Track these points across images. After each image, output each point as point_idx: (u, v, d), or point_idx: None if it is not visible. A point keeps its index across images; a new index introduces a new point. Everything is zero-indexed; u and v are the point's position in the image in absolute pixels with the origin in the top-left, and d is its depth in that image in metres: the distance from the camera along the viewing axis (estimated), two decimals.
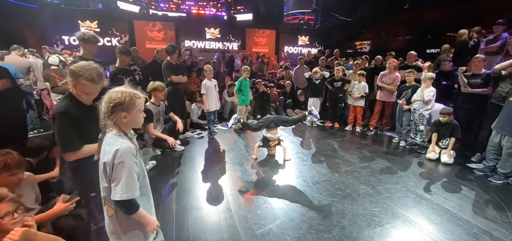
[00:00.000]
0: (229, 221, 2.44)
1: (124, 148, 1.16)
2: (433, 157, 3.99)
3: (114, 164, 1.15)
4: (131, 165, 1.17)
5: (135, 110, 1.24)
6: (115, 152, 1.15)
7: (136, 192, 1.20)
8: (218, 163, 3.78)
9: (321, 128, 5.82)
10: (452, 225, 2.43)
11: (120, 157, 1.14)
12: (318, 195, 2.92)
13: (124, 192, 1.15)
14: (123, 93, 1.19)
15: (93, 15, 9.16)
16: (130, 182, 1.16)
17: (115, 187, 1.15)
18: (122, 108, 1.18)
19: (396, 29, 10.51)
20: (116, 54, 3.57)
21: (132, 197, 1.18)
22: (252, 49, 10.95)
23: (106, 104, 1.18)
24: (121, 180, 1.15)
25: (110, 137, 1.22)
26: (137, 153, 1.24)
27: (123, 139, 1.21)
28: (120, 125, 1.22)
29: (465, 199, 2.92)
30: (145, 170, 1.36)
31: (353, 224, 2.41)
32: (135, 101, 1.22)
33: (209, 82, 4.70)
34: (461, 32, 5.30)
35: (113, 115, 1.18)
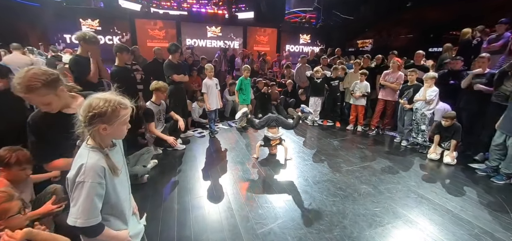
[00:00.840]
0: (230, 220, 2.45)
1: (89, 165, 1.00)
2: (434, 158, 3.98)
3: (75, 181, 0.99)
4: (93, 187, 0.99)
5: (118, 122, 1.06)
6: (78, 168, 1.00)
7: (94, 219, 1.02)
8: (219, 162, 3.79)
9: (322, 127, 5.81)
10: (454, 225, 2.43)
11: (82, 174, 0.99)
12: (319, 194, 2.92)
13: (79, 218, 0.98)
14: (106, 102, 1.02)
15: (95, 13, 9.17)
16: (86, 207, 0.99)
17: (72, 209, 1.00)
18: (102, 120, 1.01)
19: (398, 28, 10.45)
20: (115, 53, 3.56)
21: (87, 225, 1.00)
22: (254, 47, 10.93)
23: (84, 112, 1.01)
24: (77, 203, 0.99)
25: (83, 148, 1.07)
26: (106, 173, 1.05)
27: (94, 154, 1.04)
28: (97, 137, 1.05)
29: (467, 199, 2.91)
30: (121, 188, 1.18)
31: (354, 224, 2.41)
32: (119, 112, 1.05)
33: (210, 81, 4.70)
34: (464, 31, 5.26)
35: (90, 127, 1.01)
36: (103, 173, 1.04)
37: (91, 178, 0.99)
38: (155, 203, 2.70)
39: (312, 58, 7.84)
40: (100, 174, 1.02)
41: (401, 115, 4.76)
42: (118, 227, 1.19)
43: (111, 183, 1.10)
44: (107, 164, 1.06)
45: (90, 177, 0.99)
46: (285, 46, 11.84)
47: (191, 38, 10.30)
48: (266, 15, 12.02)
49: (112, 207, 1.14)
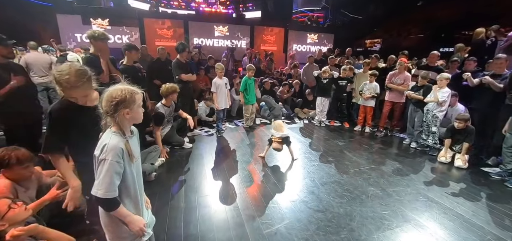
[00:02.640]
0: (237, 219, 2.45)
1: (111, 145, 1.16)
2: (444, 161, 3.89)
3: (99, 158, 1.16)
4: (112, 164, 1.15)
5: (136, 106, 1.25)
6: (102, 147, 1.16)
7: (112, 192, 1.16)
8: (226, 161, 3.80)
9: (329, 128, 5.76)
10: (465, 231, 2.36)
11: (105, 152, 1.15)
12: (326, 196, 2.89)
13: (99, 189, 1.14)
14: (123, 90, 1.20)
15: (105, 13, 9.32)
16: (107, 181, 1.14)
17: (95, 182, 1.17)
18: (124, 105, 1.19)
19: (408, 27, 10.24)
20: (123, 51, 3.61)
21: (106, 197, 1.15)
22: (261, 47, 10.90)
23: (108, 102, 1.18)
24: (100, 176, 1.15)
25: (107, 132, 1.22)
26: (124, 155, 1.20)
27: (115, 137, 1.20)
28: (122, 122, 1.22)
29: (479, 204, 2.83)
30: (136, 175, 1.32)
31: (362, 227, 2.38)
32: (134, 97, 1.24)
33: (219, 80, 4.69)
34: (478, 31, 5.10)
35: (116, 113, 1.19)
36: (122, 154, 1.19)
37: (111, 156, 1.15)
38: (162, 200, 2.72)
39: (319, 57, 7.77)
40: (119, 154, 1.17)
41: (411, 117, 4.67)
42: (135, 204, 1.33)
43: (128, 166, 1.25)
44: (126, 148, 1.22)
45: (110, 155, 1.15)
46: (292, 45, 11.77)
47: (199, 37, 10.35)
48: (273, 15, 11.97)
49: (127, 189, 1.27)
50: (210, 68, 6.94)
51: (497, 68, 3.77)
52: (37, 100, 3.68)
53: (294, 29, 11.91)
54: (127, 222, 1.27)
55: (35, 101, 3.46)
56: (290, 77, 7.76)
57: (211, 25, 10.55)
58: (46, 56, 5.26)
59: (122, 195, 1.26)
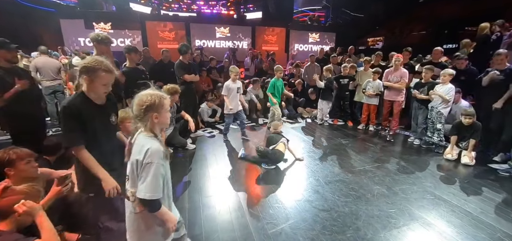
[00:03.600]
0: (241, 220, 2.43)
1: (154, 149, 1.22)
2: (450, 158, 3.83)
3: (143, 163, 1.21)
4: (158, 167, 1.22)
5: (163, 110, 1.31)
6: (146, 151, 1.21)
7: (159, 193, 1.24)
8: (229, 162, 3.78)
9: (332, 127, 5.72)
10: (474, 228, 2.32)
11: (150, 156, 1.21)
12: (331, 195, 2.86)
13: (148, 192, 1.20)
14: (152, 95, 1.27)
15: (107, 16, 9.39)
16: (154, 183, 1.21)
17: (140, 185, 1.22)
18: (153, 109, 1.26)
19: (411, 25, 10.15)
20: (125, 54, 3.62)
21: (154, 198, 1.23)
22: (262, 47, 10.89)
23: (138, 107, 1.25)
24: (146, 179, 1.20)
25: (142, 137, 1.28)
26: (164, 156, 1.29)
27: (154, 141, 1.27)
28: (151, 126, 1.29)
29: (488, 201, 2.77)
30: (169, 174, 1.41)
31: (368, 226, 2.34)
32: (163, 102, 1.30)
33: (232, 84, 4.42)
34: (482, 26, 5.03)
35: (145, 117, 1.26)
36: (163, 156, 1.27)
37: (157, 159, 1.22)
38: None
39: (321, 57, 7.74)
40: (161, 157, 1.25)
41: (415, 114, 4.62)
42: (169, 203, 1.42)
43: (165, 166, 1.33)
44: (163, 149, 1.29)
45: (156, 158, 1.22)
46: (294, 45, 11.74)
47: (200, 39, 10.38)
48: (275, 15, 11.96)
49: (167, 188, 1.37)
50: (212, 69, 6.94)
51: (498, 64, 3.73)
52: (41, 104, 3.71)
53: (296, 29, 11.88)
54: (165, 220, 1.34)
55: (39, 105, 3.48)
56: (292, 77, 7.74)
57: (212, 26, 10.58)
58: (56, 60, 5.40)
59: (163, 194, 1.32)
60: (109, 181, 1.60)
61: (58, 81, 5.11)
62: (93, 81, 1.53)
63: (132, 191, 1.29)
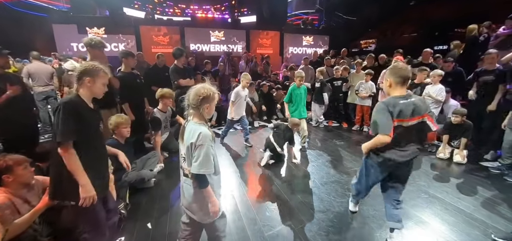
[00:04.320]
0: (238, 223, 2.43)
1: (204, 133, 1.43)
2: (443, 157, 3.90)
3: (196, 145, 1.41)
4: (208, 148, 1.42)
5: (214, 103, 1.54)
6: (198, 135, 1.41)
7: (210, 169, 1.44)
8: (225, 165, 3.77)
9: (327, 128, 5.77)
10: (467, 226, 2.36)
11: (201, 139, 1.41)
12: (327, 196, 2.88)
13: (201, 168, 1.41)
14: (208, 89, 1.49)
15: (101, 21, 9.33)
16: (206, 161, 1.41)
17: (194, 163, 1.42)
18: (207, 101, 1.48)
19: (402, 27, 10.36)
20: (120, 58, 3.61)
21: (206, 173, 1.44)
22: (257, 50, 10.95)
23: (195, 96, 1.47)
24: (199, 158, 1.41)
25: (193, 124, 1.50)
26: (213, 139, 1.49)
27: (204, 127, 1.48)
28: (203, 114, 1.51)
29: (480, 199, 2.83)
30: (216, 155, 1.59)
31: (364, 225, 2.37)
32: (214, 97, 1.52)
33: (242, 91, 4.28)
34: (470, 28, 5.17)
35: (201, 106, 1.48)
36: (213, 139, 1.48)
37: (208, 142, 1.43)
38: (162, 206, 2.69)
39: (315, 59, 7.82)
40: (210, 139, 1.45)
41: None
42: (217, 186, 1.62)
43: (214, 148, 1.51)
44: (211, 133, 1.49)
45: (206, 141, 1.42)
46: (288, 48, 11.84)
47: (195, 43, 10.39)
48: (269, 19, 12.06)
49: (216, 166, 1.55)
50: (207, 73, 6.94)
51: (488, 63, 3.83)
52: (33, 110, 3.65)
53: (290, 32, 12.00)
54: (211, 201, 1.52)
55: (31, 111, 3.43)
56: (287, 80, 7.79)
57: (207, 30, 10.60)
58: (48, 66, 5.32)
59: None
60: (88, 189, 1.53)
61: (50, 86, 5.04)
62: (96, 81, 1.63)
63: (188, 169, 1.49)
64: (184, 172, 1.59)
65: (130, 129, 2.86)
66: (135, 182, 2.86)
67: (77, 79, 1.61)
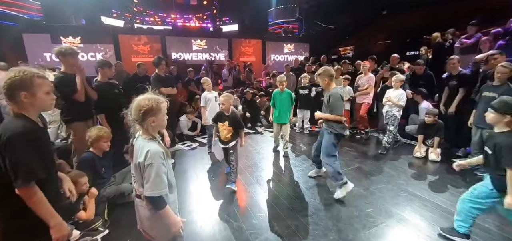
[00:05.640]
0: (224, 233, 2.38)
1: (153, 151, 1.30)
2: (419, 155, 4.10)
3: (145, 164, 1.29)
4: (159, 167, 1.30)
5: (161, 114, 1.38)
6: (146, 153, 1.29)
7: (163, 190, 1.32)
8: (210, 175, 3.71)
9: (311, 133, 5.87)
10: (444, 220, 2.48)
11: (150, 158, 1.28)
12: (313, 200, 2.91)
13: (153, 190, 1.29)
14: (150, 100, 1.34)
15: (76, 30, 8.95)
16: (157, 181, 1.29)
17: (146, 185, 1.30)
18: (151, 114, 1.33)
19: (377, 34, 10.92)
20: (97, 68, 3.48)
21: (158, 195, 1.31)
22: (239, 58, 11.01)
23: (136, 111, 1.32)
24: (150, 179, 1.28)
25: (141, 140, 1.36)
26: (164, 156, 1.36)
27: (152, 143, 1.34)
28: (149, 129, 1.35)
29: (455, 193, 2.99)
30: (172, 171, 1.49)
31: (349, 227, 2.41)
32: (160, 106, 1.37)
33: (209, 94, 4.40)
34: (434, 36, 5.66)
35: (144, 121, 1.32)
36: (163, 156, 1.35)
37: (157, 160, 1.30)
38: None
39: (296, 66, 8.01)
40: (161, 157, 1.33)
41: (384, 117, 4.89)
42: (174, 206, 1.49)
43: (167, 164, 1.40)
44: (163, 149, 1.36)
45: (156, 159, 1.29)
46: (270, 56, 12.03)
47: (177, 52, 10.24)
48: (250, 27, 12.23)
49: (170, 185, 1.42)
50: (191, 81, 6.87)
51: (451, 68, 4.13)
52: None
53: (271, 40, 12.20)
54: (171, 222, 1.40)
55: None
56: (270, 87, 7.88)
57: (189, 39, 10.51)
58: None
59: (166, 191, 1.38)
60: (61, 228, 1.33)
61: None
62: (35, 93, 1.29)
63: (140, 190, 1.37)
64: (136, 193, 1.44)
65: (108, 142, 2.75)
66: (114, 197, 2.72)
67: (8, 98, 1.25)
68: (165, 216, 1.38)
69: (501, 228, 2.36)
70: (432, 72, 4.80)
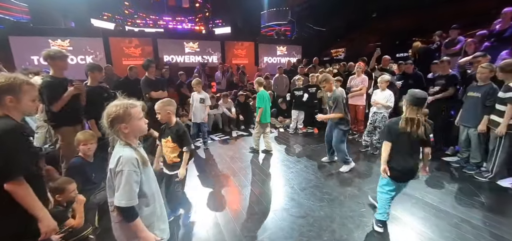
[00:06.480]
0: (218, 236, 2.36)
1: (126, 157, 1.23)
2: None
3: (116, 171, 1.22)
4: (129, 175, 1.22)
5: (133, 119, 1.30)
6: (117, 160, 1.23)
7: (132, 201, 1.22)
8: (203, 178, 3.68)
9: (304, 134, 5.90)
10: (435, 218, 2.53)
11: (121, 164, 1.21)
12: (307, 201, 2.92)
13: (122, 199, 1.20)
14: (117, 106, 1.27)
15: (65, 33, 8.76)
16: (127, 190, 1.20)
17: (116, 194, 1.22)
18: (119, 120, 1.26)
19: (368, 36, 11.14)
20: (87, 72, 3.41)
21: (127, 206, 1.21)
22: (232, 61, 11.00)
23: (105, 120, 1.26)
24: (120, 187, 1.21)
25: (117, 147, 1.30)
26: (139, 163, 1.28)
27: (127, 149, 1.27)
28: (123, 136, 1.29)
29: (444, 191, 3.07)
30: (151, 180, 1.40)
31: (343, 227, 2.43)
32: (130, 111, 1.28)
33: (196, 94, 4.72)
34: (414, 45, 5.97)
35: (113, 128, 1.26)
36: (137, 163, 1.27)
37: (128, 167, 1.22)
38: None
39: (289, 68, 8.07)
40: (134, 164, 1.25)
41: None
42: (152, 220, 1.38)
43: (144, 173, 1.32)
44: (138, 156, 1.29)
45: (127, 166, 1.22)
46: (263, 58, 12.07)
47: (169, 55, 10.15)
48: (243, 30, 12.26)
49: (145, 196, 1.33)
50: (183, 84, 6.81)
51: (441, 69, 4.24)
52: None
53: (264, 43, 12.26)
54: (141, 237, 1.28)
55: None
56: None
57: (181, 41, 10.44)
58: None
59: (140, 202, 1.29)
60: (49, 222, 1.39)
61: None
62: (21, 99, 1.38)
63: (111, 200, 1.28)
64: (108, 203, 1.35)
65: (93, 146, 2.67)
66: (105, 203, 2.65)
67: None
68: (135, 230, 1.27)
69: (488, 224, 2.42)
70: (421, 73, 4.92)
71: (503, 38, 4.24)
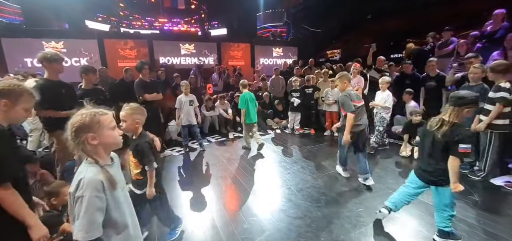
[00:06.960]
0: (216, 238, 2.35)
1: (87, 179, 1.03)
2: (405, 155, 4.23)
3: (75, 196, 1.03)
4: (92, 201, 1.02)
5: (103, 128, 1.11)
6: (77, 183, 1.04)
7: (93, 233, 1.02)
8: (200, 180, 3.66)
9: (301, 135, 5.93)
10: (430, 217, 2.54)
11: (81, 188, 1.02)
12: (304, 202, 2.93)
13: (80, 231, 1.01)
14: (83, 115, 1.09)
15: (59, 35, 8.66)
16: (87, 220, 1.01)
17: (75, 223, 1.03)
18: (85, 130, 1.07)
19: (362, 38, 11.25)
20: (81, 74, 3.38)
21: (88, 239, 1.01)
22: (229, 62, 11.00)
23: (70, 131, 1.07)
24: (79, 217, 1.01)
25: (82, 165, 1.11)
26: (104, 187, 1.07)
27: (92, 168, 1.07)
28: (91, 151, 1.09)
29: None
30: (123, 204, 1.20)
31: (340, 227, 2.44)
32: (99, 119, 1.10)
33: (184, 97, 4.72)
34: (408, 46, 6.11)
35: (77, 140, 1.06)
36: (102, 187, 1.06)
37: (90, 191, 1.02)
38: None
39: (285, 69, 8.10)
40: (98, 188, 1.04)
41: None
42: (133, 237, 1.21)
43: (112, 197, 1.11)
44: (105, 177, 1.08)
45: (88, 191, 1.02)
46: (260, 59, 12.10)
47: (165, 56, 10.11)
48: (239, 31, 12.28)
49: (114, 224, 1.13)
50: (178, 86, 6.77)
51: (430, 70, 4.32)
52: None
53: (260, 44, 12.29)
54: None
55: None
56: (260, 90, 7.91)
57: (177, 43, 10.41)
58: None
59: (109, 231, 1.11)
60: (39, 229, 1.33)
61: None
62: (16, 105, 1.34)
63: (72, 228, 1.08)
64: None
65: None
66: None
67: None
68: None
69: (482, 222, 2.46)
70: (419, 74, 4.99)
71: (494, 39, 4.33)
